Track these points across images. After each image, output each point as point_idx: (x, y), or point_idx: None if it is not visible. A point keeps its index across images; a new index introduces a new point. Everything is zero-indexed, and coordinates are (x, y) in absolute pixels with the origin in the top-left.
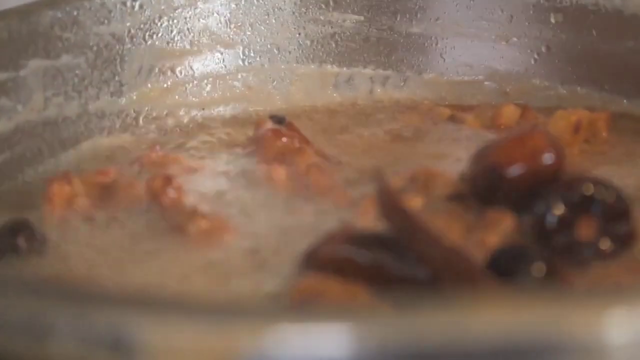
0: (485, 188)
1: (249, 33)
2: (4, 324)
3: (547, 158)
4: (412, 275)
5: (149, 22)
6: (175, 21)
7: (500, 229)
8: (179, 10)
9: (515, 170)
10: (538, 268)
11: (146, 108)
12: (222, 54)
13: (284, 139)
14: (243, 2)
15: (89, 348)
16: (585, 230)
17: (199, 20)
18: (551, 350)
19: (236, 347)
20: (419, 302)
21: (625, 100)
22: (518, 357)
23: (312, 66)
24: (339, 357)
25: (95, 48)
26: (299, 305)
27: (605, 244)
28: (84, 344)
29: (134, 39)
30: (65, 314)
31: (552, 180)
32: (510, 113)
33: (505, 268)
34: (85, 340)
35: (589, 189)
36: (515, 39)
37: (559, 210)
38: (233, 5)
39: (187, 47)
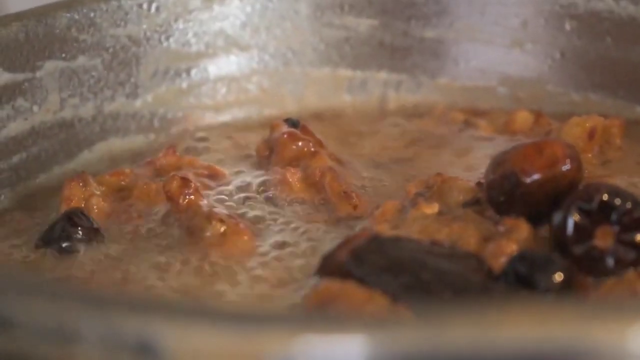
0: (502, 195)
1: (264, 36)
2: (30, 328)
3: (565, 166)
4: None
5: (164, 25)
6: (190, 24)
7: (517, 237)
8: (195, 12)
9: (532, 177)
10: (557, 276)
11: (161, 110)
12: (237, 56)
13: (300, 143)
14: (258, 6)
15: (114, 354)
16: (604, 239)
17: (214, 23)
18: None
19: (261, 354)
20: (443, 312)
21: (638, 107)
22: None
23: (326, 70)
24: None
25: (111, 50)
26: (315, 308)
27: (625, 253)
28: (109, 350)
29: (150, 41)
30: (91, 319)
31: (569, 189)
32: (523, 119)
33: (523, 275)
34: (111, 346)
35: (607, 198)
36: (529, 45)
37: (577, 219)
38: (248, 9)
39: (203, 49)
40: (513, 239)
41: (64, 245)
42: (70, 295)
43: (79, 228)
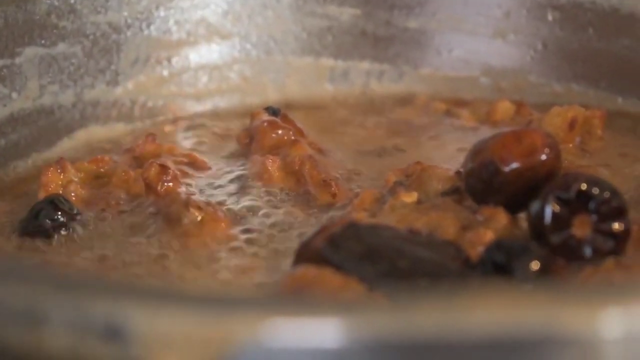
0: (480, 183)
1: (245, 25)
2: None
3: (544, 155)
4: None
5: (145, 12)
6: (172, 11)
7: (495, 225)
8: (176, 0)
9: (511, 166)
10: (533, 264)
11: (142, 98)
12: (218, 45)
13: (279, 131)
14: None
15: (82, 336)
16: (581, 228)
17: (195, 11)
18: (546, 345)
19: (231, 338)
20: (415, 297)
21: (620, 99)
22: (513, 351)
23: (308, 59)
24: (334, 349)
25: (91, 37)
26: (291, 293)
27: (602, 242)
28: (77, 333)
29: (131, 29)
30: (59, 302)
31: (547, 178)
32: (505, 109)
33: (500, 263)
34: (79, 329)
35: (585, 187)
36: (512, 36)
37: (555, 208)
38: None
39: (184, 37)
40: (491, 227)
41: (47, 229)
42: (38, 277)
43: (60, 213)
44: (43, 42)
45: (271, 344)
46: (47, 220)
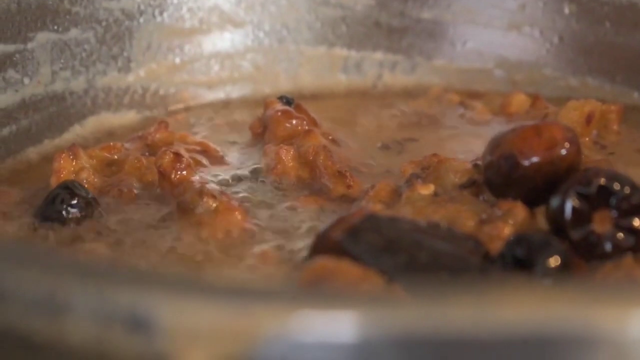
0: (499, 177)
1: (258, 13)
2: (21, 299)
3: (563, 150)
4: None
5: None
6: None
7: (513, 219)
8: None
9: (531, 160)
10: (554, 259)
11: (153, 85)
12: (231, 33)
13: (293, 121)
14: None
15: (106, 327)
16: (602, 223)
17: None
18: (578, 343)
19: (258, 330)
20: (445, 291)
21: (636, 93)
22: (543, 349)
23: (322, 49)
24: (362, 343)
25: (104, 23)
26: (310, 285)
27: (623, 238)
28: (101, 323)
29: (144, 15)
30: (84, 291)
31: (567, 172)
32: (520, 102)
33: (521, 258)
34: (103, 319)
35: (606, 182)
36: (527, 28)
37: (575, 203)
38: None
39: (197, 25)
40: (509, 221)
41: (63, 215)
42: (62, 266)
43: (77, 198)
44: (55, 27)
45: (299, 337)
46: (64, 206)
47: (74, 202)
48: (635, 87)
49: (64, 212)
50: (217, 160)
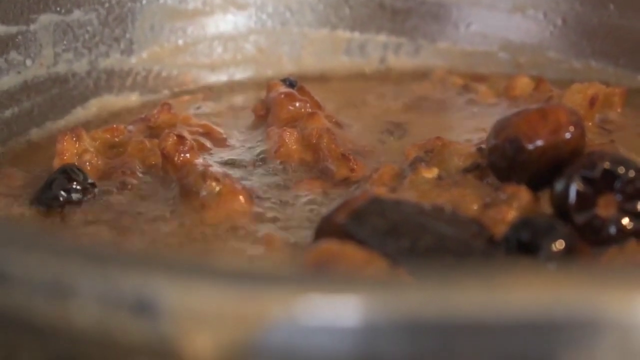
0: (504, 161)
1: None
2: (27, 283)
3: (568, 133)
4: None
5: None
6: None
7: (517, 203)
8: None
9: (536, 144)
10: (559, 244)
11: (156, 67)
12: (234, 15)
13: (297, 103)
14: None
15: (111, 310)
16: (606, 207)
17: None
18: (586, 326)
19: (264, 314)
20: (452, 274)
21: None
22: (551, 332)
23: (325, 31)
24: (369, 326)
25: (107, 4)
26: (314, 268)
27: (627, 222)
28: (106, 306)
29: None
30: (89, 274)
31: (571, 156)
32: (524, 84)
33: (525, 242)
34: (108, 303)
35: (610, 166)
36: (531, 11)
37: (580, 187)
38: None
39: (200, 7)
40: (514, 205)
41: (60, 200)
42: (67, 250)
43: (75, 183)
44: (58, 9)
45: (304, 320)
46: (61, 191)
47: (72, 187)
48: (639, 69)
49: (61, 198)
50: (221, 142)
